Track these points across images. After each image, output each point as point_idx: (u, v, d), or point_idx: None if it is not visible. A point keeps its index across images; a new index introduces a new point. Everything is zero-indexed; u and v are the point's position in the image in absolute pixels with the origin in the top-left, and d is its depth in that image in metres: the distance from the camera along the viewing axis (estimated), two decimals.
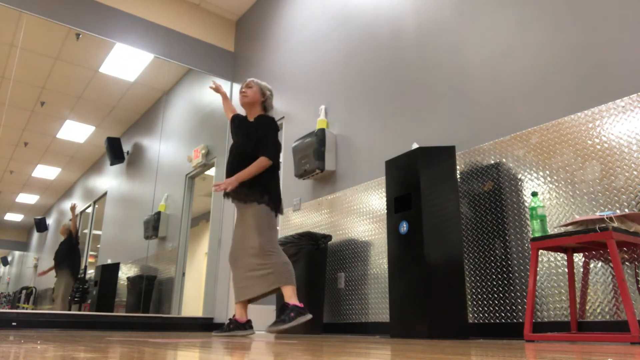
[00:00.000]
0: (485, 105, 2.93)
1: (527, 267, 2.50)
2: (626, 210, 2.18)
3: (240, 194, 2.94)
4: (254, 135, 3.03)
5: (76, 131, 5.29)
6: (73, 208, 5.16)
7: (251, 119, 3.16)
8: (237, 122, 3.19)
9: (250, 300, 2.93)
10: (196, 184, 5.88)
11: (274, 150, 2.99)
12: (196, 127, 5.99)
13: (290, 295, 2.75)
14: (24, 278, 5.03)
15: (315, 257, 3.52)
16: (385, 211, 3.41)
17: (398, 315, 2.66)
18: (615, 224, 1.93)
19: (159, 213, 5.58)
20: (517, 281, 2.53)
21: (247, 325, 2.92)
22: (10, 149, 4.89)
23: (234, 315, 2.92)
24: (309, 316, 2.69)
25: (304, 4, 4.94)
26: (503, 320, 2.55)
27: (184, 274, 5.49)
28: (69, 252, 5.07)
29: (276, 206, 2.98)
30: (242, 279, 2.89)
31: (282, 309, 2.72)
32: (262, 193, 2.93)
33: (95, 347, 1.40)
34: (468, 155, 2.95)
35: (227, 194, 3.03)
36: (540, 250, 2.44)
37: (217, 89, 3.43)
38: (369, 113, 3.80)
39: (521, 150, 2.67)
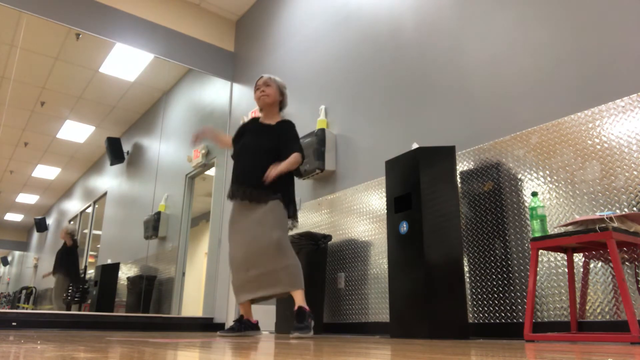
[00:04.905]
0: (485, 105, 2.93)
1: (527, 267, 2.50)
2: (626, 210, 2.18)
3: (258, 195, 2.84)
4: (283, 137, 2.96)
5: (76, 131, 5.29)
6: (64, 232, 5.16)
7: (268, 121, 3.08)
8: (254, 125, 3.09)
9: (254, 301, 2.89)
10: (196, 184, 5.88)
11: (303, 151, 2.95)
12: (196, 127, 5.99)
13: (303, 299, 2.71)
14: (24, 278, 5.03)
15: (315, 257, 3.52)
16: (385, 211, 3.41)
17: (398, 315, 2.66)
18: (615, 224, 1.93)
19: (159, 213, 5.58)
20: (517, 281, 2.53)
21: (257, 327, 2.91)
22: (10, 149, 4.89)
23: (242, 316, 2.88)
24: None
25: (304, 4, 4.94)
26: (503, 320, 2.55)
27: (184, 274, 5.49)
28: (66, 256, 5.08)
29: (293, 212, 2.94)
30: (251, 277, 2.80)
31: (301, 314, 2.65)
32: (281, 197, 2.87)
33: (95, 347, 1.40)
34: (468, 155, 2.95)
35: (236, 195, 2.92)
36: (540, 250, 2.44)
37: (197, 138, 3.17)
38: (369, 113, 3.80)
39: (521, 150, 2.67)
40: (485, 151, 2.86)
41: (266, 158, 2.91)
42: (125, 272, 5.37)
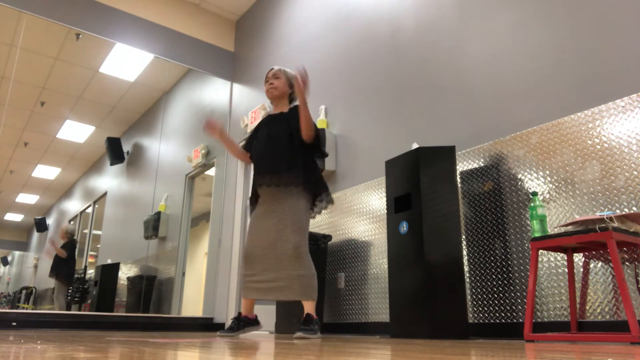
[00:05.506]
0: (485, 105, 2.93)
1: (527, 267, 2.50)
2: (626, 210, 2.18)
3: (278, 178, 2.76)
4: (294, 121, 2.87)
5: (76, 131, 5.29)
6: (52, 243, 5.14)
7: (279, 111, 3.02)
8: (268, 119, 3.02)
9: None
10: (196, 184, 5.88)
11: (316, 128, 2.87)
12: (196, 127, 5.99)
13: (313, 309, 2.69)
14: (24, 278, 5.03)
15: (315, 257, 3.52)
16: (385, 211, 3.41)
17: (398, 315, 2.66)
18: (615, 224, 1.93)
19: (159, 213, 5.58)
20: (517, 281, 2.53)
21: (256, 321, 2.89)
22: (10, 149, 4.88)
23: (240, 313, 2.86)
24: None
25: (304, 4, 4.94)
26: (503, 320, 2.55)
27: (184, 274, 5.49)
28: (63, 262, 5.08)
29: (325, 193, 2.85)
30: (263, 279, 2.75)
31: (309, 319, 2.64)
32: (308, 175, 2.78)
33: (95, 347, 1.40)
34: (468, 155, 2.95)
35: (257, 183, 2.84)
36: (540, 250, 2.44)
37: (213, 130, 2.94)
38: (369, 113, 3.80)
39: (521, 150, 2.67)
40: (485, 151, 2.86)
41: (279, 143, 2.83)
42: (125, 272, 5.37)
